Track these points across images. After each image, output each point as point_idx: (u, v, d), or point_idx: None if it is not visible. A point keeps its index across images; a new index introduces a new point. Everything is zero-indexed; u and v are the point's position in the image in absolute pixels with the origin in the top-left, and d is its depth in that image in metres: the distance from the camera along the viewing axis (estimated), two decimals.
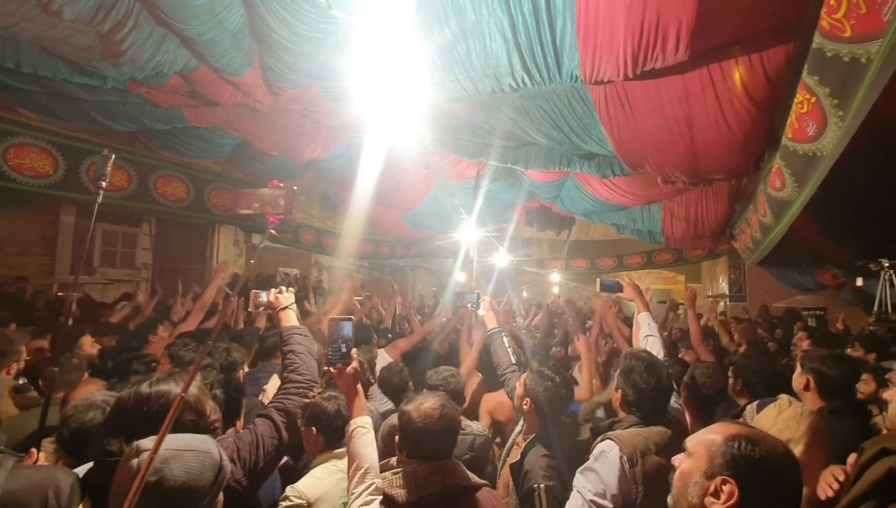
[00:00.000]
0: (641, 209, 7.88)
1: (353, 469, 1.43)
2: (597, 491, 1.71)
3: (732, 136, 3.78)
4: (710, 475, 1.04)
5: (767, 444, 1.03)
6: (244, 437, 1.51)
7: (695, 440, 1.13)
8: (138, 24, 3.55)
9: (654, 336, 2.41)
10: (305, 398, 1.71)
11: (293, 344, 1.81)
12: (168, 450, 1.08)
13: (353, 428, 1.49)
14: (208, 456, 1.12)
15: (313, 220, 11.41)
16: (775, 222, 4.53)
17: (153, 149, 7.11)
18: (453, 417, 1.64)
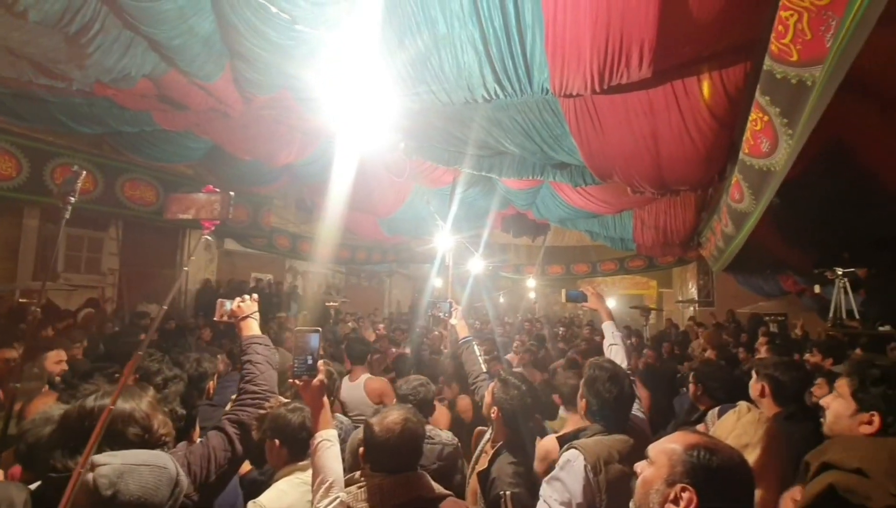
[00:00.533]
0: (614, 217, 8.07)
1: (318, 483, 1.43)
2: (562, 500, 1.76)
3: (695, 149, 3.93)
4: (670, 482, 1.08)
5: (724, 453, 1.08)
6: (196, 450, 1.50)
7: (656, 449, 1.17)
8: (105, 28, 3.48)
9: (617, 345, 2.48)
10: (261, 409, 1.70)
11: (251, 354, 1.79)
12: (124, 465, 1.07)
13: (318, 441, 1.50)
14: (164, 472, 1.12)
15: (288, 225, 11.28)
16: (736, 232, 4.72)
17: (121, 152, 6.92)
18: (416, 430, 1.65)
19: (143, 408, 1.43)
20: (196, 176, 8.72)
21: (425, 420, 1.81)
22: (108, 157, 7.29)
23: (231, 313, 1.97)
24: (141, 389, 1.51)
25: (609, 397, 2.00)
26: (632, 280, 14.14)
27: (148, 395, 1.49)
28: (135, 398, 1.44)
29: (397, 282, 15.76)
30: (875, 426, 1.43)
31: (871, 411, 1.45)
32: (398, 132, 4.62)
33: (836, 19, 1.95)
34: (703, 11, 2.72)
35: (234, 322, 1.96)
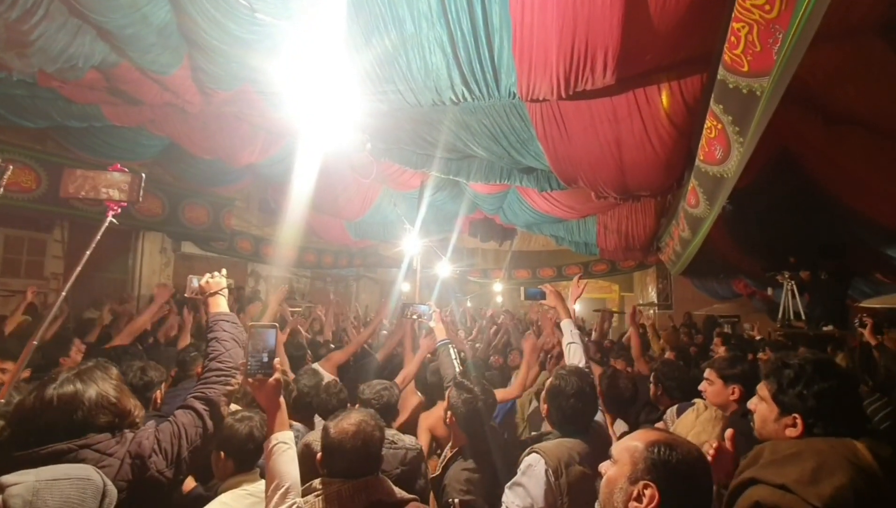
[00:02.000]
0: (578, 222, 8.25)
1: (273, 488, 1.36)
2: (524, 505, 1.75)
3: (656, 156, 4.07)
4: (633, 480, 1.10)
5: (683, 449, 1.11)
6: (165, 429, 1.43)
7: (619, 448, 1.19)
8: (50, 13, 3.25)
9: (576, 343, 2.51)
10: (228, 386, 1.63)
11: (217, 331, 1.73)
12: (39, 481, 0.98)
13: (274, 444, 1.43)
14: (89, 483, 1.05)
15: (251, 227, 10.91)
16: (692, 236, 4.91)
17: (68, 148, 6.51)
18: (371, 433, 1.61)
19: (111, 392, 1.34)
20: (151, 175, 8.29)
21: (384, 425, 1.75)
22: (54, 153, 6.82)
23: (199, 288, 1.89)
24: (103, 370, 1.41)
25: (571, 413, 2.02)
26: (595, 284, 14.49)
27: (113, 377, 1.39)
28: (99, 381, 1.36)
29: (365, 286, 15.53)
30: (799, 429, 1.41)
31: (793, 413, 1.43)
32: (364, 132, 4.55)
33: (782, 32, 2.06)
34: (663, 21, 2.82)
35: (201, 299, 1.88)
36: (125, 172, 1.34)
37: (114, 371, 1.52)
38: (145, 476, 1.33)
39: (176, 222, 8.48)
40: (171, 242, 9.84)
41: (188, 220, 8.63)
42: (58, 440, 1.24)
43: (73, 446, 1.25)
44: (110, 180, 1.34)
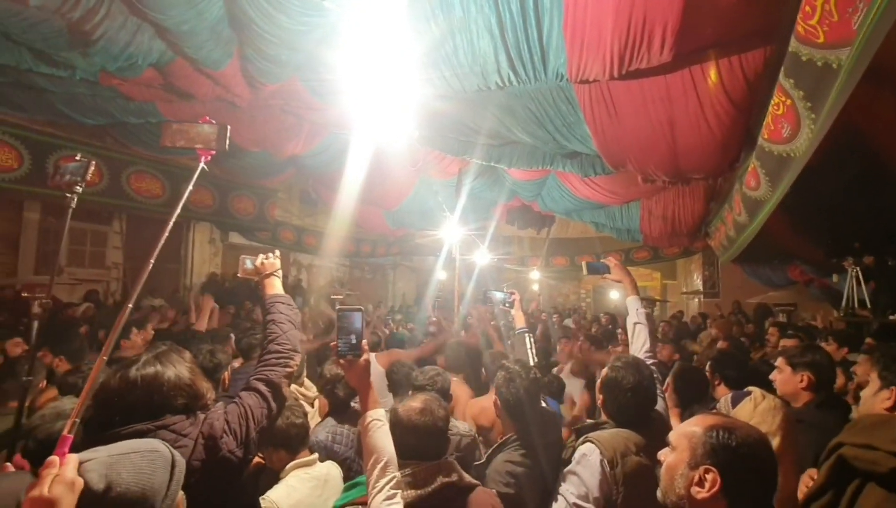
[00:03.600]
0: (620, 208, 8.02)
1: (372, 463, 1.39)
2: (579, 494, 1.72)
3: (712, 136, 3.88)
4: (693, 465, 1.09)
5: (743, 432, 1.09)
6: (232, 410, 1.46)
7: (677, 434, 1.18)
8: (111, 13, 3.40)
9: (641, 324, 2.32)
10: (288, 368, 1.65)
11: (275, 313, 1.73)
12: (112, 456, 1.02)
13: (369, 421, 1.45)
14: (158, 455, 1.06)
15: (293, 218, 11.20)
16: (749, 221, 4.67)
17: (125, 144, 6.84)
18: (438, 414, 1.62)
19: (186, 374, 1.40)
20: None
21: (446, 406, 1.75)
22: (113, 149, 7.19)
23: (255, 270, 1.89)
24: (178, 353, 1.45)
25: (628, 405, 1.93)
26: (635, 272, 14.06)
27: (187, 360, 1.45)
28: (175, 364, 1.40)
29: (402, 274, 15.71)
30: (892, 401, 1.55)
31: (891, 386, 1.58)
32: (411, 120, 4.55)
33: (865, 2, 1.90)
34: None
35: (255, 279, 1.89)
36: (213, 123, 1.42)
37: (187, 354, 1.58)
38: (218, 457, 1.37)
39: (225, 213, 8.82)
40: (220, 232, 10.23)
41: (236, 211, 8.95)
42: (138, 421, 1.29)
43: (151, 427, 1.30)
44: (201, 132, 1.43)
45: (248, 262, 1.96)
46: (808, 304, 7.92)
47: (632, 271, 2.78)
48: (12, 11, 3.51)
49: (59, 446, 0.97)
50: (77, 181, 1.76)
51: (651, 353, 2.24)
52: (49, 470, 0.90)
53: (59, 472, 0.90)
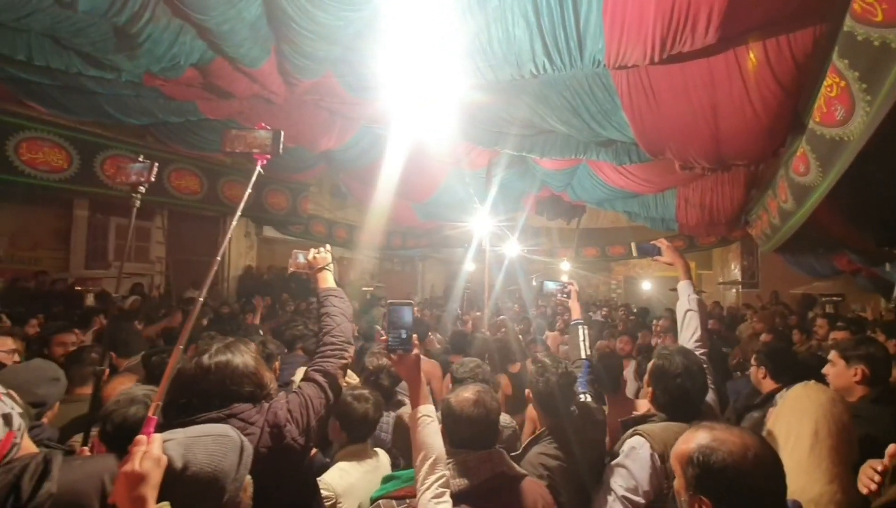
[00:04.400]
0: (655, 197, 7.82)
1: (421, 459, 1.42)
2: (628, 487, 1.70)
3: (758, 120, 3.72)
4: (691, 493, 1.05)
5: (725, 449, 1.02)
6: (293, 400, 1.52)
7: (672, 455, 1.14)
8: (155, 16, 3.52)
9: (693, 311, 2.23)
10: (343, 360, 1.71)
11: (328, 306, 1.79)
12: (188, 437, 1.09)
13: (419, 417, 1.48)
14: (229, 439, 1.13)
15: (324, 211, 11.40)
16: (796, 208, 4.47)
17: (165, 142, 7.09)
18: (490, 403, 1.63)
19: (251, 363, 1.46)
20: (234, 164, 8.88)
21: (498, 398, 1.76)
22: (154, 147, 7.46)
23: (307, 264, 1.95)
24: (243, 343, 1.52)
25: (679, 393, 1.87)
26: None
27: (251, 350, 1.51)
28: (243, 353, 1.46)
29: (431, 266, 15.80)
30: None
31: None
32: (444, 113, 4.54)
33: None
34: None
35: (308, 274, 1.95)
36: (268, 129, 1.49)
37: (251, 344, 1.65)
38: (282, 444, 1.43)
39: (260, 208, 9.06)
40: (255, 226, 10.51)
41: (270, 205, 9.19)
42: (211, 408, 1.36)
43: (221, 415, 1.37)
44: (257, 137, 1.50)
45: (300, 257, 2.02)
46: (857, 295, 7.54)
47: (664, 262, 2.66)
48: (62, 16, 3.67)
49: (146, 426, 1.03)
50: (141, 182, 1.86)
51: (702, 343, 2.15)
52: (139, 448, 0.97)
53: (147, 449, 0.97)
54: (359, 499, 1.95)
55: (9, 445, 1.17)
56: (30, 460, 1.20)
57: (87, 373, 2.55)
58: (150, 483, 0.94)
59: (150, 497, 0.94)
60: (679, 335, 2.26)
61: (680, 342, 2.18)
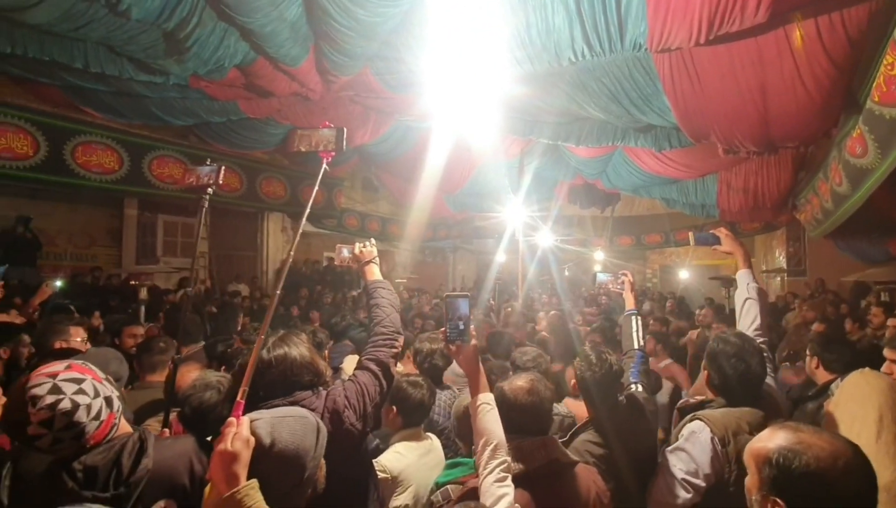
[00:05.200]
0: (695, 182, 7.58)
1: (483, 445, 1.46)
2: (688, 470, 1.69)
3: (810, 100, 3.56)
4: (764, 493, 1.01)
5: (811, 454, 0.97)
6: (349, 387, 1.59)
7: (747, 452, 1.10)
8: (202, 21, 3.66)
9: (752, 300, 2.19)
10: (394, 349, 1.77)
11: (377, 298, 1.85)
12: (273, 418, 1.17)
13: (479, 404, 1.52)
14: (307, 420, 1.21)
15: (356, 205, 11.60)
16: (852, 192, 4.26)
17: (207, 142, 7.36)
18: (545, 393, 1.66)
19: (306, 353, 1.54)
20: (271, 161, 9.14)
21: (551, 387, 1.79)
22: (197, 147, 7.78)
23: (353, 257, 2.01)
24: (296, 335, 1.60)
25: (733, 373, 1.85)
26: (707, 250, 13.23)
27: (304, 340, 1.59)
28: (298, 345, 1.55)
29: (461, 257, 15.85)
30: None
31: None
32: (480, 105, 4.54)
33: None
34: None
35: (355, 267, 2.01)
36: (331, 127, 1.54)
37: (303, 335, 1.73)
38: (342, 429, 1.51)
39: (296, 203, 9.32)
40: (291, 221, 10.80)
41: (306, 200, 9.37)
42: (276, 397, 1.45)
43: (286, 402, 1.45)
44: (321, 136, 1.56)
45: (344, 251, 2.08)
46: None
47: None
48: (116, 25, 3.86)
49: (235, 410, 1.12)
50: (210, 183, 1.97)
51: (762, 331, 2.11)
52: (230, 429, 1.06)
53: (237, 431, 1.05)
54: (414, 479, 2.03)
55: (110, 425, 1.29)
56: (127, 438, 1.32)
57: (156, 361, 2.73)
58: (241, 461, 1.02)
59: (241, 474, 1.02)
60: (738, 324, 2.22)
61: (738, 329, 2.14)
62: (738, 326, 2.21)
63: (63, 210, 8.18)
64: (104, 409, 1.26)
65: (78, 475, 1.22)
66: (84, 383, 1.25)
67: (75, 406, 1.20)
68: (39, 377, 1.20)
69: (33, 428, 1.16)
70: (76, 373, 1.26)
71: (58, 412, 1.17)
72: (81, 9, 3.61)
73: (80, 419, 1.20)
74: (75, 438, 1.21)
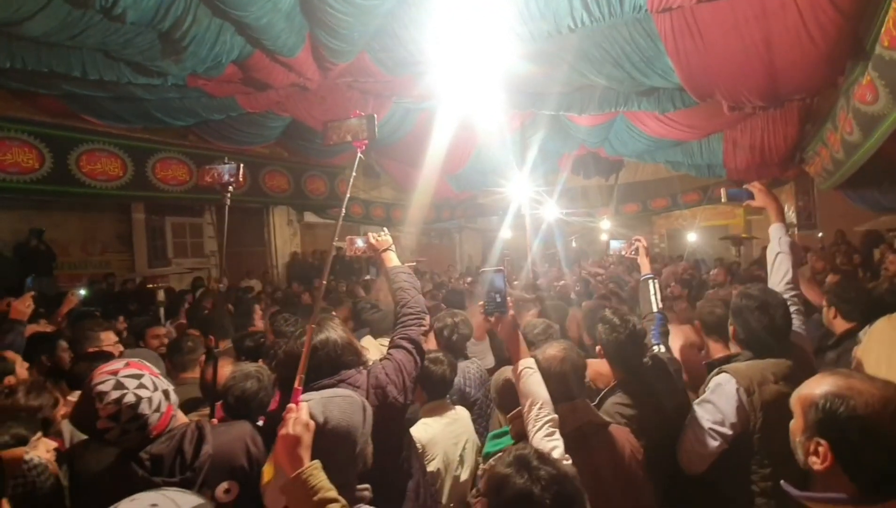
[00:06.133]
0: (700, 143, 7.51)
1: (529, 405, 1.54)
2: (715, 420, 1.75)
3: (816, 50, 3.51)
4: (808, 434, 1.04)
5: (860, 399, 0.98)
6: (387, 365, 1.69)
7: (795, 397, 1.13)
8: (197, 18, 3.63)
9: (784, 253, 2.17)
10: (423, 326, 1.87)
11: (400, 282, 1.93)
12: (323, 398, 1.25)
13: (521, 369, 1.60)
14: (354, 399, 1.30)
15: (359, 192, 11.59)
16: (864, 139, 4.22)
17: (206, 140, 7.35)
18: (577, 360, 1.73)
19: (344, 335, 1.63)
20: (273, 154, 9.13)
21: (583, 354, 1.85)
22: (197, 146, 7.78)
23: (370, 247, 2.09)
24: (331, 320, 1.70)
25: (758, 326, 1.87)
26: (714, 210, 13.17)
27: (339, 324, 1.68)
28: (335, 328, 1.64)
29: (468, 237, 15.88)
30: None
31: None
32: (480, 81, 4.50)
33: None
34: None
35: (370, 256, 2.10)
36: (362, 115, 1.57)
37: (337, 320, 1.81)
38: (387, 402, 1.61)
39: (300, 195, 9.34)
40: (296, 214, 10.84)
41: (310, 191, 9.45)
42: (324, 377, 1.55)
43: (333, 381, 1.56)
44: (352, 126, 1.59)
45: (358, 241, 2.16)
46: None
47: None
48: (112, 29, 3.84)
49: (294, 396, 1.19)
50: (231, 182, 2.01)
51: (793, 285, 2.11)
52: (291, 414, 1.12)
53: (297, 415, 1.12)
54: (442, 447, 2.16)
55: (169, 416, 1.37)
56: (185, 428, 1.40)
57: (187, 360, 2.84)
58: (304, 443, 1.10)
59: (305, 456, 1.09)
60: (769, 278, 2.21)
61: (770, 285, 2.16)
62: (769, 280, 2.20)
63: (73, 219, 8.27)
64: (163, 401, 1.34)
65: (146, 463, 1.31)
66: (143, 378, 1.33)
67: (138, 400, 1.28)
68: (102, 375, 1.29)
69: (102, 422, 1.24)
70: (135, 369, 1.34)
71: (123, 405, 1.25)
72: (77, 17, 3.59)
73: (143, 411, 1.28)
74: (140, 429, 1.29)
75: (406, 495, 1.67)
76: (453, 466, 2.21)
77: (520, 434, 1.58)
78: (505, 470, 1.12)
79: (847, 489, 0.98)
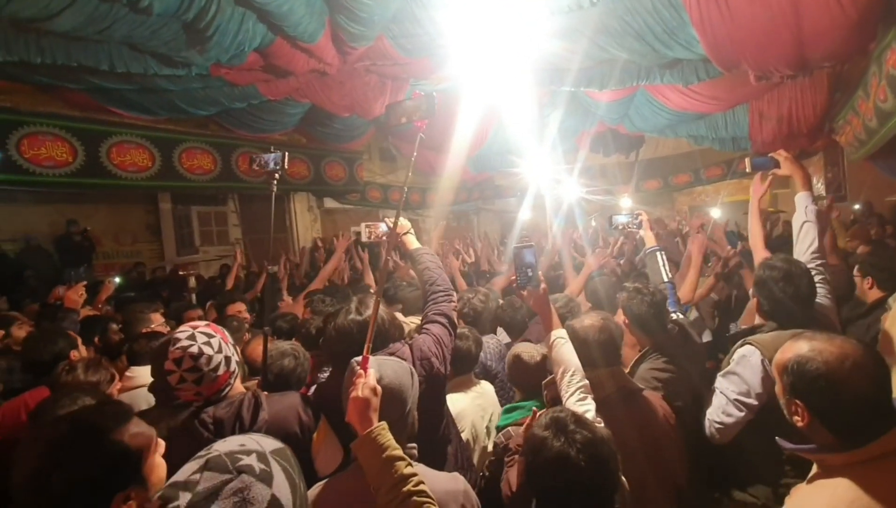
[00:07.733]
0: (724, 115, 7.31)
1: (562, 373, 1.62)
2: (740, 391, 1.78)
3: (845, 15, 3.39)
4: (787, 397, 1.14)
5: (821, 359, 1.07)
6: (426, 340, 1.79)
7: (773, 364, 1.23)
8: (221, 8, 3.70)
9: (810, 222, 2.17)
10: (452, 302, 1.96)
11: (426, 262, 2.02)
12: (377, 359, 1.37)
13: (554, 339, 1.68)
14: (403, 364, 1.41)
15: (377, 177, 11.66)
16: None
17: (228, 129, 7.48)
18: (613, 329, 1.80)
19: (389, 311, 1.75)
20: (291, 141, 9.23)
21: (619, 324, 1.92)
22: (219, 135, 7.91)
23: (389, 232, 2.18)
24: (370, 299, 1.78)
25: (783, 296, 1.88)
26: (738, 185, 12.81)
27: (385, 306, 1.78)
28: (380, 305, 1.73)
29: (485, 218, 15.87)
30: None
31: None
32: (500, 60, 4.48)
33: None
34: None
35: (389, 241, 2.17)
36: (421, 95, 1.62)
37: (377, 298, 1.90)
38: (432, 372, 1.71)
39: (320, 181, 9.44)
40: (316, 200, 10.98)
41: (329, 177, 9.54)
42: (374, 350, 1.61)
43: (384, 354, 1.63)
44: (412, 106, 1.64)
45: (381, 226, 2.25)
46: None
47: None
48: (138, 22, 3.93)
49: (362, 363, 1.30)
50: (277, 170, 2.10)
51: (818, 254, 2.12)
52: (360, 379, 1.24)
53: (366, 381, 1.22)
54: (471, 420, 2.25)
55: (224, 381, 1.48)
56: (243, 396, 1.52)
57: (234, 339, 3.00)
58: (372, 405, 1.21)
59: (373, 417, 1.20)
60: (794, 247, 2.22)
61: (795, 254, 2.16)
62: (795, 249, 2.21)
63: (104, 211, 8.54)
64: (222, 365, 1.45)
65: (210, 426, 1.42)
66: (213, 338, 1.45)
67: (200, 353, 1.40)
68: (185, 326, 1.45)
69: (168, 363, 1.39)
70: (210, 330, 1.48)
71: (187, 353, 1.39)
72: (104, 10, 3.69)
73: (201, 365, 1.41)
74: (195, 382, 1.41)
75: (447, 458, 1.77)
76: (482, 438, 2.30)
77: (555, 399, 1.66)
78: (543, 433, 1.20)
79: (828, 439, 1.07)
